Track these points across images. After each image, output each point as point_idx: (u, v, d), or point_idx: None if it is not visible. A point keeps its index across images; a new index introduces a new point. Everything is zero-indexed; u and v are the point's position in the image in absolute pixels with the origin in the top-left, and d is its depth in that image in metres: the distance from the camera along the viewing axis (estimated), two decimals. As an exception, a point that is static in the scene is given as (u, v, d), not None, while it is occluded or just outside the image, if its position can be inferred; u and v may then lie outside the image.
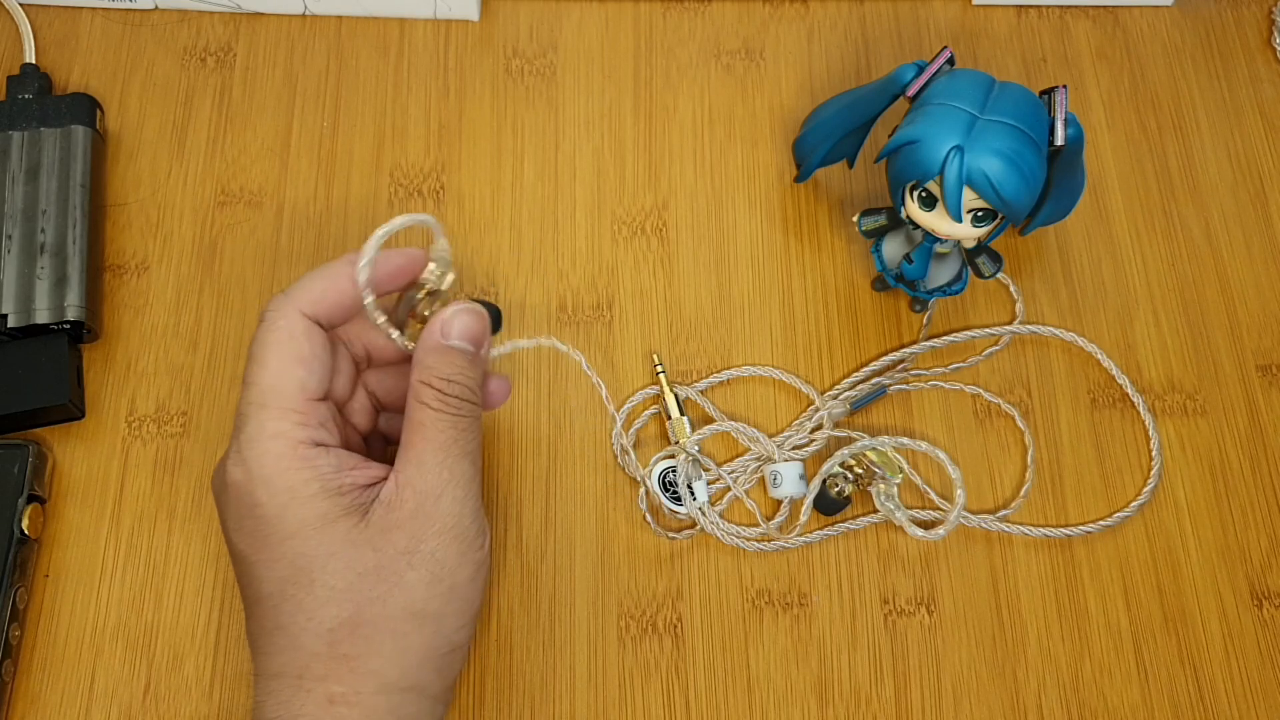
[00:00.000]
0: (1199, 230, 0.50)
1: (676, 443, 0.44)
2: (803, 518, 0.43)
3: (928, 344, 0.47)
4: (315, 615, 0.33)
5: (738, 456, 0.45)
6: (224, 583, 0.42)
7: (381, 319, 0.36)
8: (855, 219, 0.45)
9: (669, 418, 0.45)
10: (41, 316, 0.44)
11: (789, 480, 0.44)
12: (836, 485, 0.43)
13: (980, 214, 0.41)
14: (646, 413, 0.46)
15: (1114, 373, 0.47)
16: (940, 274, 0.45)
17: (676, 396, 0.45)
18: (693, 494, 0.44)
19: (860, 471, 0.43)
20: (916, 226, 0.43)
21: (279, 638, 0.34)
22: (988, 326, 0.48)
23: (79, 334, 0.45)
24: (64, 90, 0.50)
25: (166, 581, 0.42)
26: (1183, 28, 0.54)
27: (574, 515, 0.44)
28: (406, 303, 0.38)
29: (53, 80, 0.50)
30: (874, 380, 0.46)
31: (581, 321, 0.47)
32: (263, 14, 0.52)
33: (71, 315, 0.44)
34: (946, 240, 0.43)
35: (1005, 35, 0.54)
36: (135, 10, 0.52)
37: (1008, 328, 0.47)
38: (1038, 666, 0.43)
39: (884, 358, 0.47)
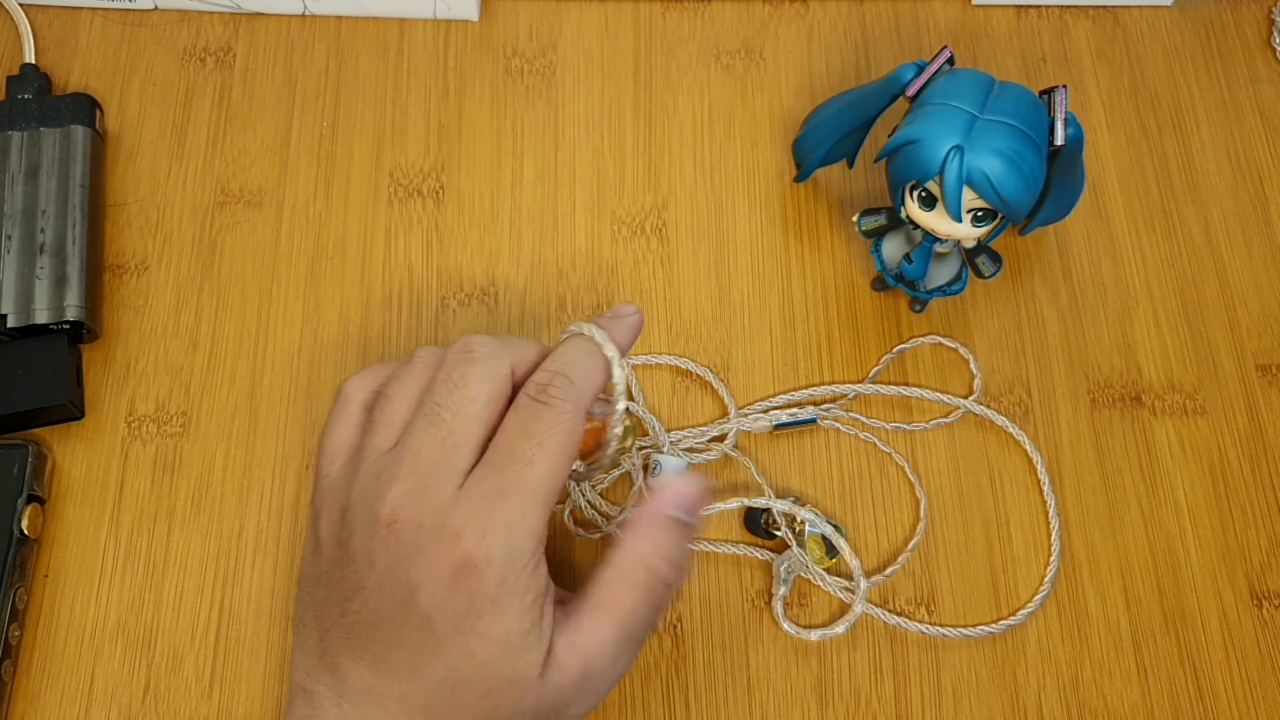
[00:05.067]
0: (1199, 230, 0.50)
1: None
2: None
3: (873, 388, 0.46)
4: None
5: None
6: (224, 583, 0.42)
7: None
8: (855, 219, 0.45)
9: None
10: (41, 316, 0.44)
11: (666, 473, 0.43)
12: (774, 522, 0.43)
13: (980, 214, 0.41)
14: None
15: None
16: (940, 274, 0.45)
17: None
18: None
19: (794, 532, 0.42)
20: (916, 226, 0.43)
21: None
22: (944, 392, 0.46)
23: (78, 334, 0.45)
24: (64, 90, 0.50)
25: (166, 581, 0.42)
26: (1182, 27, 0.54)
27: (574, 515, 0.44)
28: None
29: (52, 80, 0.50)
30: (809, 408, 0.46)
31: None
32: (262, 14, 0.52)
33: (71, 315, 0.44)
34: (946, 240, 0.43)
35: (1005, 35, 0.54)
36: (135, 10, 0.52)
37: (962, 401, 0.46)
38: (1038, 666, 0.43)
39: (827, 387, 0.46)
